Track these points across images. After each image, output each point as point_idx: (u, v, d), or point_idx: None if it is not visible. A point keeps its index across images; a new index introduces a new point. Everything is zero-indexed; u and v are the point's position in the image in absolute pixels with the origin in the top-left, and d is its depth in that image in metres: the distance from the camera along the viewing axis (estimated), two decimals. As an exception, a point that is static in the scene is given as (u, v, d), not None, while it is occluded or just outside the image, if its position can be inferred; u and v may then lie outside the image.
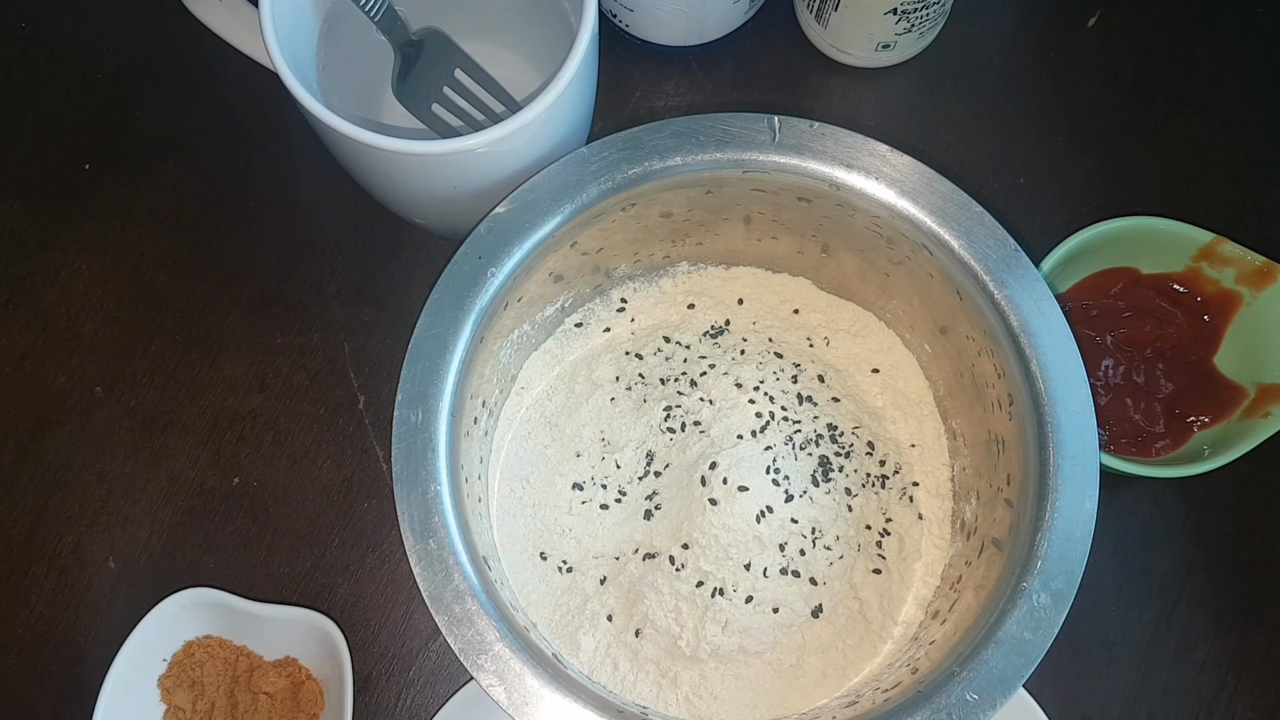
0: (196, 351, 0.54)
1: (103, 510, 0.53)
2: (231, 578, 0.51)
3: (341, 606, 0.51)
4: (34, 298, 0.55)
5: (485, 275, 0.42)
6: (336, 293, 0.55)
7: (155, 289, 0.55)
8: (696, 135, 0.43)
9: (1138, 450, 0.51)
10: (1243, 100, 0.57)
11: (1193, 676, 0.51)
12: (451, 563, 0.39)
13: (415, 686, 0.51)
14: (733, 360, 0.50)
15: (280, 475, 0.53)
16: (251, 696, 0.49)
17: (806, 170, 0.44)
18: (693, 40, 0.56)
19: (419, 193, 0.47)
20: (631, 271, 0.51)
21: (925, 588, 0.47)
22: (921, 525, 0.48)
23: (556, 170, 0.43)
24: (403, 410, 0.41)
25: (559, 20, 0.49)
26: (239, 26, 0.48)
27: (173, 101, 0.57)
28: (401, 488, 0.40)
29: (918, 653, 0.44)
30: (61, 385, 0.54)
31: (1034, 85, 0.57)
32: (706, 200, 0.46)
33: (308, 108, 0.42)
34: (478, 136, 0.42)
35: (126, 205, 0.56)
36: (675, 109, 0.57)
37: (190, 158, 0.57)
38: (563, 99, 0.42)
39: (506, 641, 0.38)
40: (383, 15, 0.47)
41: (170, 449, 0.53)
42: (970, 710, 0.38)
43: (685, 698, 0.46)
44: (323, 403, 0.54)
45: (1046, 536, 0.40)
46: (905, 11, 0.52)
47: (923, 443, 0.49)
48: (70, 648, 0.51)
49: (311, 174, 0.56)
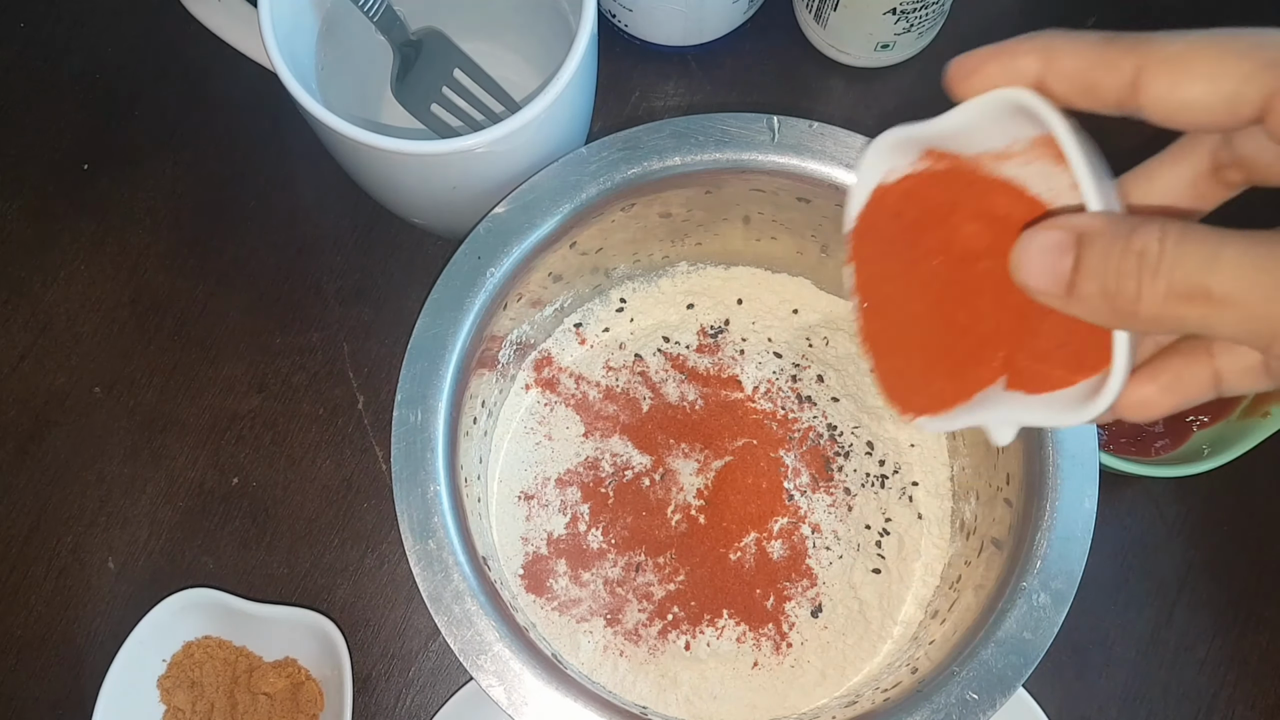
0: (195, 352, 0.54)
1: (102, 511, 0.53)
2: (231, 578, 0.51)
3: (341, 607, 0.51)
4: (33, 298, 0.55)
5: (484, 275, 0.42)
6: (336, 293, 0.55)
7: (154, 289, 0.55)
8: (695, 135, 0.43)
9: (1137, 450, 0.51)
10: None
11: (1192, 676, 0.51)
12: (451, 563, 0.39)
13: (415, 686, 0.51)
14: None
15: (279, 475, 0.53)
16: (251, 697, 0.49)
17: (806, 170, 0.44)
18: (691, 40, 0.56)
19: (418, 193, 0.47)
20: (631, 271, 0.51)
21: (925, 587, 0.47)
22: (921, 525, 0.48)
23: (555, 170, 0.43)
24: (402, 410, 0.41)
25: (558, 20, 0.49)
26: (238, 26, 0.48)
27: (173, 101, 0.57)
28: (401, 488, 0.40)
29: (917, 653, 0.44)
30: (60, 385, 0.54)
31: (1033, 85, 0.57)
32: (706, 200, 0.46)
33: (307, 108, 0.42)
34: (477, 136, 0.42)
35: (126, 205, 0.56)
36: (674, 109, 0.57)
37: (190, 158, 0.57)
38: (562, 99, 0.42)
39: (506, 641, 0.38)
40: (382, 15, 0.47)
41: (169, 449, 0.53)
42: (970, 710, 0.38)
43: (685, 698, 0.46)
44: (322, 403, 0.54)
45: (1046, 536, 0.40)
46: (904, 11, 0.52)
47: (922, 442, 0.49)
48: (70, 648, 0.51)
49: (311, 174, 0.56)
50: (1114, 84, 0.24)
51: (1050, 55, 0.25)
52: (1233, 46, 0.23)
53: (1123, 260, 0.23)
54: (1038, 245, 0.25)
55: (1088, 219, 0.24)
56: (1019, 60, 0.25)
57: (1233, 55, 0.23)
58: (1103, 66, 0.24)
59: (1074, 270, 0.24)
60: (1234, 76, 0.23)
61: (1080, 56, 0.25)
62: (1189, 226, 0.23)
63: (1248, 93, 0.23)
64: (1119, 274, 0.23)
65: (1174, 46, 0.23)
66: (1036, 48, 0.25)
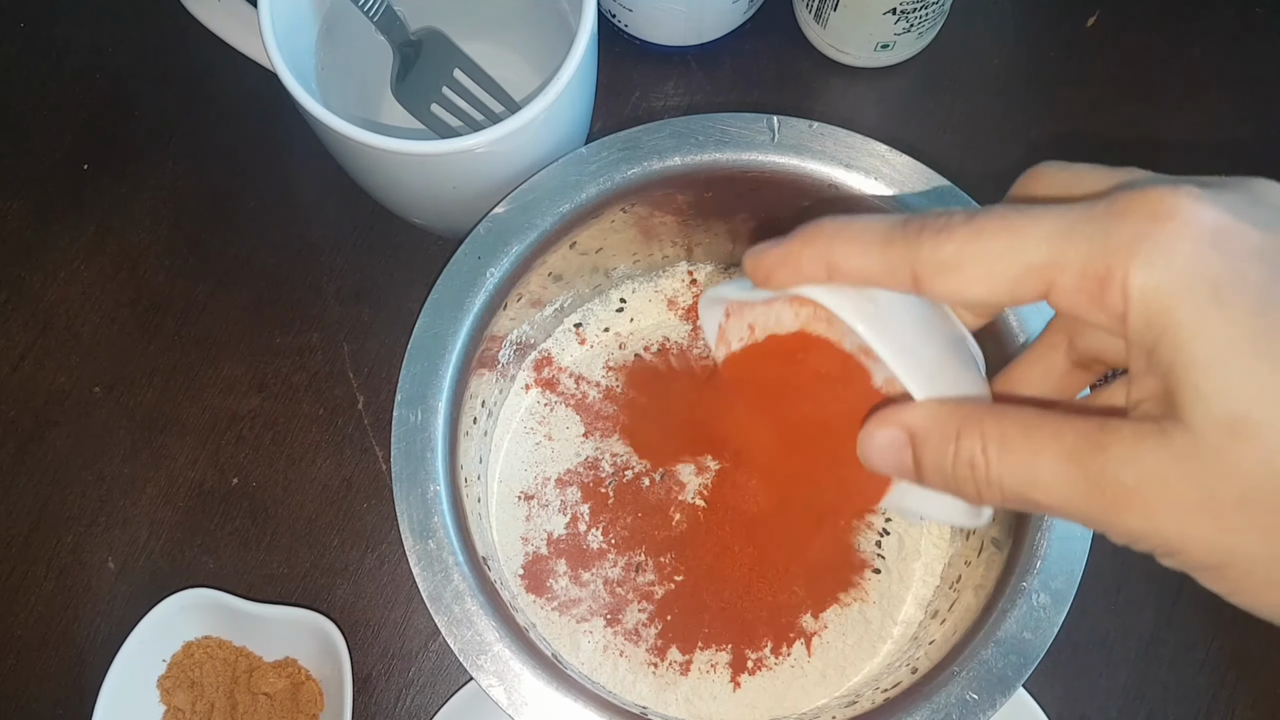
0: (195, 352, 0.54)
1: (102, 511, 0.53)
2: (231, 578, 0.51)
3: (341, 607, 0.51)
4: (33, 298, 0.55)
5: (484, 275, 0.42)
6: (336, 293, 0.55)
7: (154, 289, 0.55)
8: (695, 135, 0.43)
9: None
10: (1243, 99, 0.57)
11: (1192, 676, 0.51)
12: (451, 563, 0.39)
13: (415, 687, 0.51)
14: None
15: (279, 475, 0.53)
16: (251, 697, 0.49)
17: (806, 170, 0.44)
18: (691, 40, 0.56)
19: (418, 193, 0.47)
20: (631, 271, 0.51)
21: (925, 587, 0.47)
22: (921, 525, 0.48)
23: (555, 170, 0.43)
24: (402, 410, 0.41)
25: (558, 20, 0.49)
26: (238, 26, 0.48)
27: (173, 101, 0.57)
28: (401, 488, 0.40)
29: (917, 653, 0.44)
30: (60, 385, 0.54)
31: (1033, 85, 0.58)
32: (706, 200, 0.46)
33: (307, 108, 0.42)
34: (477, 136, 0.42)
35: (126, 205, 0.56)
36: (674, 109, 0.57)
37: (190, 158, 0.57)
38: (562, 99, 0.42)
39: (506, 642, 0.38)
40: (382, 15, 0.47)
41: (169, 449, 0.53)
42: (970, 710, 0.38)
43: (685, 698, 0.46)
44: (322, 403, 0.54)
45: (1046, 536, 0.40)
46: (904, 11, 0.52)
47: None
48: (70, 648, 0.51)
49: (311, 174, 0.56)
50: (898, 285, 0.25)
51: (831, 263, 0.26)
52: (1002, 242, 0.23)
53: (956, 468, 0.25)
54: (877, 443, 0.26)
55: (913, 417, 0.26)
56: (804, 267, 0.26)
57: (1003, 255, 0.23)
58: (882, 274, 0.25)
59: (915, 466, 0.26)
60: (1006, 279, 0.23)
61: (860, 263, 0.25)
62: (1006, 433, 0.24)
63: (1024, 289, 0.23)
64: (956, 479, 0.25)
65: (945, 250, 0.24)
66: (817, 254, 0.26)
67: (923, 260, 0.24)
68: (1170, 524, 0.22)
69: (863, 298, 0.26)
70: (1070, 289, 0.22)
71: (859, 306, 0.26)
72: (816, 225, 0.26)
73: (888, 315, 0.26)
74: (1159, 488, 0.21)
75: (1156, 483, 0.22)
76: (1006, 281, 0.23)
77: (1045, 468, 0.23)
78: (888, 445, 0.26)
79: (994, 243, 0.23)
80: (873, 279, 0.25)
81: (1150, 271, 0.21)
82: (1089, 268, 0.22)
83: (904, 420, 0.26)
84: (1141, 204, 0.22)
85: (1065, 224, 0.22)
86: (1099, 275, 0.22)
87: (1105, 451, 0.22)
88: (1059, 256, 0.22)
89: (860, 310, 0.26)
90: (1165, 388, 0.22)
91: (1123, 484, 0.22)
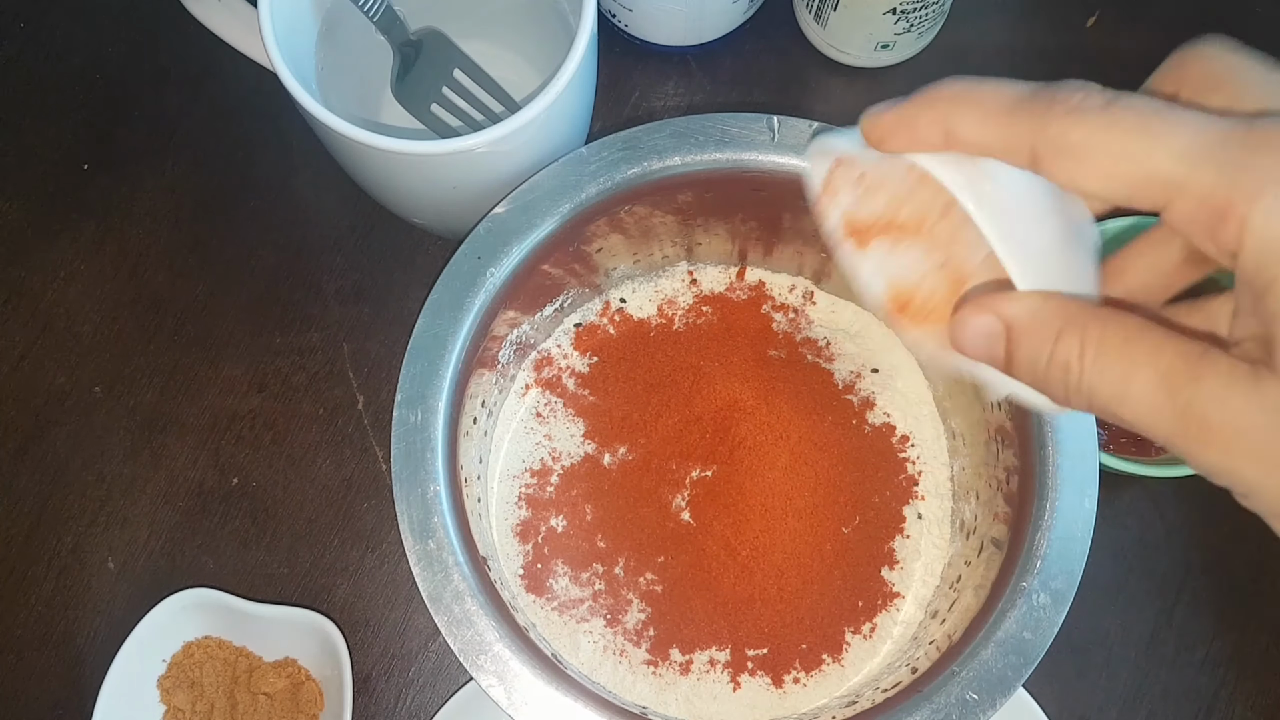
0: (195, 352, 0.54)
1: (102, 511, 0.53)
2: (231, 578, 0.51)
3: (341, 607, 0.51)
4: (33, 298, 0.55)
5: (484, 275, 0.42)
6: (336, 293, 0.55)
7: (154, 289, 0.55)
8: (695, 135, 0.43)
9: (1137, 450, 0.51)
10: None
11: (1192, 676, 0.51)
12: (451, 563, 0.39)
13: (415, 686, 0.51)
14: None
15: (279, 475, 0.53)
16: (251, 697, 0.49)
17: (806, 170, 0.44)
18: (691, 40, 0.56)
19: (418, 193, 0.47)
20: (631, 271, 0.51)
21: (925, 587, 0.47)
22: (921, 525, 0.48)
23: (555, 170, 0.43)
24: (402, 410, 0.41)
25: (558, 20, 0.49)
26: (238, 26, 0.48)
27: (172, 101, 0.57)
28: (401, 488, 0.40)
29: (917, 653, 0.44)
30: (60, 385, 0.54)
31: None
32: (706, 200, 0.46)
33: (307, 108, 0.42)
34: (477, 137, 0.42)
35: (125, 205, 0.56)
36: (674, 109, 0.57)
37: (190, 158, 0.57)
38: (562, 99, 0.42)
39: (506, 642, 0.38)
40: (381, 15, 0.47)
41: (169, 449, 0.53)
42: (970, 710, 0.38)
43: (685, 698, 0.46)
44: (322, 403, 0.54)
45: (1046, 536, 0.40)
46: (904, 11, 0.52)
47: (922, 442, 0.49)
48: (70, 648, 0.51)
49: (311, 174, 0.56)
50: (1016, 161, 0.24)
51: (949, 130, 0.25)
52: (1135, 143, 0.22)
53: (1049, 369, 0.24)
54: (971, 330, 0.26)
55: (1015, 309, 0.25)
56: (921, 132, 0.25)
57: (1131, 157, 0.22)
58: (1002, 147, 0.24)
59: (1007, 359, 0.25)
60: (1127, 182, 0.23)
61: (979, 133, 0.24)
62: (1106, 341, 0.23)
63: (1142, 197, 0.23)
64: (1047, 379, 0.24)
65: (1073, 135, 0.23)
66: (936, 119, 0.25)
67: (1048, 139, 0.23)
68: (1248, 468, 0.22)
69: (980, 174, 0.25)
70: (1186, 214, 0.22)
71: (974, 183, 0.25)
72: (939, 86, 0.25)
73: (1005, 195, 0.25)
74: (1243, 432, 0.22)
75: (1241, 426, 0.22)
76: (1127, 185, 0.22)
77: (1138, 385, 0.23)
78: (982, 333, 0.25)
79: (1125, 141, 0.22)
80: (991, 151, 0.24)
81: (1270, 219, 0.21)
82: (1211, 198, 0.22)
83: (1004, 310, 0.25)
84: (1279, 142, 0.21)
85: (1200, 145, 0.22)
86: (1218, 208, 0.21)
87: (1198, 383, 0.22)
88: (1184, 178, 0.22)
89: (975, 188, 0.25)
90: (1267, 335, 0.22)
91: (1208, 420, 0.22)
